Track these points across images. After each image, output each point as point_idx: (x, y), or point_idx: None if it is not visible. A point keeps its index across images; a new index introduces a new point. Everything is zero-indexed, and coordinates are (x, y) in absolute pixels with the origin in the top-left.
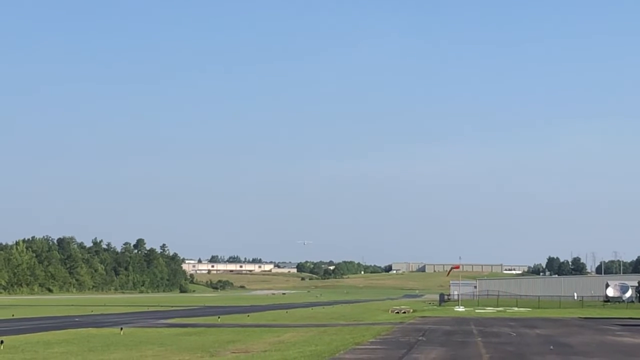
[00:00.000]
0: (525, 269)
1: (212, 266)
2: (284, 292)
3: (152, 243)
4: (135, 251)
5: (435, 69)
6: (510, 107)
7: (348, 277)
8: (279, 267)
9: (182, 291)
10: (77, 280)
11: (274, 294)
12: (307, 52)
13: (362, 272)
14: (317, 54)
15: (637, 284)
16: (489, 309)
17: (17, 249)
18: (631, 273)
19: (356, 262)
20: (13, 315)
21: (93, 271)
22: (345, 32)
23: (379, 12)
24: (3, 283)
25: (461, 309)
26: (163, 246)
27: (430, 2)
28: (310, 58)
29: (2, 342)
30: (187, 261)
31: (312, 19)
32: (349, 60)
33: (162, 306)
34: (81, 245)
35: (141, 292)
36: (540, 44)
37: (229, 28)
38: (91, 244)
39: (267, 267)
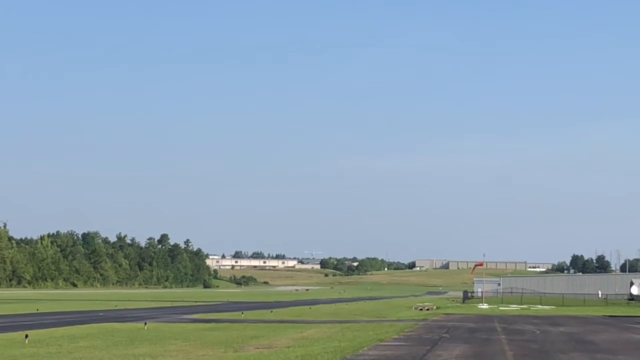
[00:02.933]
0: (550, 267)
1: (236, 262)
2: (307, 288)
3: (176, 238)
4: (159, 246)
5: (461, 67)
6: (534, 104)
7: (371, 274)
8: (302, 263)
9: (205, 286)
10: (101, 275)
11: (297, 290)
12: (335, 47)
13: (386, 269)
14: (342, 49)
15: None
16: (513, 307)
17: (41, 243)
18: None
19: (380, 258)
20: (38, 310)
21: (117, 266)
22: (368, 30)
23: (401, 10)
24: (28, 277)
25: (485, 306)
26: (187, 241)
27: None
28: (336, 53)
29: (27, 336)
30: (210, 256)
31: (337, 14)
32: (373, 57)
33: (185, 301)
34: (105, 240)
35: (165, 287)
36: (569, 43)
37: (256, 23)
38: (115, 239)
39: (291, 263)
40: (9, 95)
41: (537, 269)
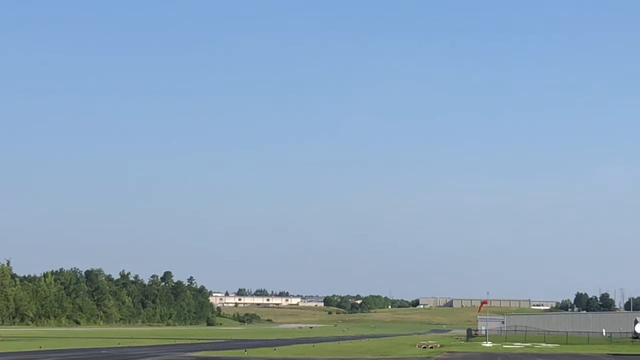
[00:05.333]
0: (554, 305)
1: (239, 299)
2: (311, 326)
3: (180, 276)
4: (163, 284)
5: (462, 106)
6: (537, 142)
7: (375, 312)
8: (306, 300)
9: (209, 324)
10: (104, 312)
11: (301, 327)
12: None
13: (389, 307)
14: (344, 89)
15: None
16: (517, 345)
17: (45, 280)
18: None
19: (383, 296)
20: (40, 347)
21: (120, 303)
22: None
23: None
24: (31, 315)
25: (489, 344)
26: (190, 279)
27: (462, 45)
28: (336, 91)
29: None
30: (214, 294)
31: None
32: (373, 98)
33: (189, 339)
34: (109, 278)
35: (168, 325)
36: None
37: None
38: (119, 276)
39: (294, 301)
40: (7, 129)
41: (541, 307)
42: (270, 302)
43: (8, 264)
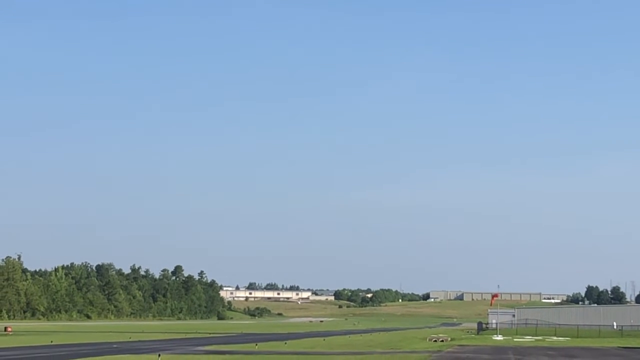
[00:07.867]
0: (564, 298)
1: (250, 293)
2: (321, 319)
3: (190, 270)
4: (174, 278)
5: (466, 96)
6: (548, 136)
7: (386, 305)
8: (316, 294)
9: (219, 318)
10: (115, 306)
11: (311, 321)
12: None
13: (400, 300)
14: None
15: None
16: (528, 338)
17: (56, 275)
18: None
19: (394, 290)
20: (52, 342)
21: (131, 298)
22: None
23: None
24: (42, 309)
25: (499, 337)
26: (201, 273)
27: (456, 34)
28: (341, 90)
29: None
30: (225, 288)
31: (338, 54)
32: (378, 91)
33: (199, 333)
34: (119, 272)
35: (179, 318)
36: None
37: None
38: (129, 271)
39: (305, 295)
40: (23, 127)
41: (552, 300)
42: (280, 296)
43: (19, 258)
